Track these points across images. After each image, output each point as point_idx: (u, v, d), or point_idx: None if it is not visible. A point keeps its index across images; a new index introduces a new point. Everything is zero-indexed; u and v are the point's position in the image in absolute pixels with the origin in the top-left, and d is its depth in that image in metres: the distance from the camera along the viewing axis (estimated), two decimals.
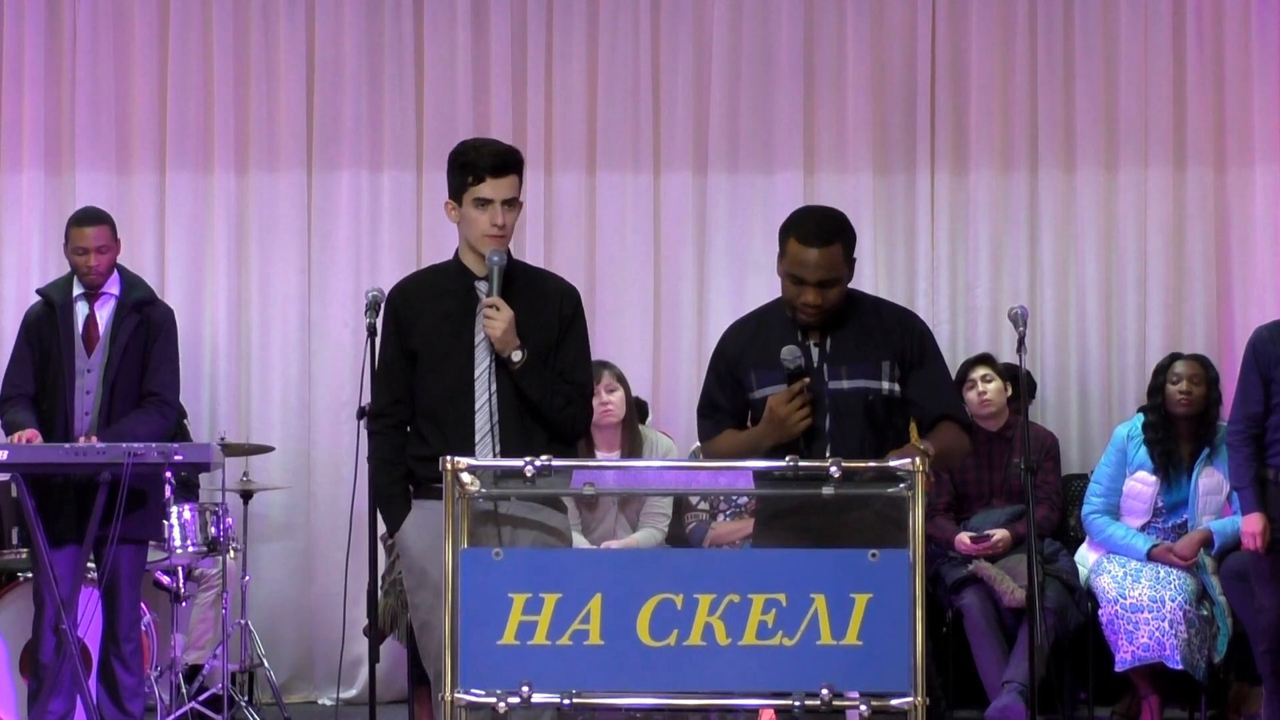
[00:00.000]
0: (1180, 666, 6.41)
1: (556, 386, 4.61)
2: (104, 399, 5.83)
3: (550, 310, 4.66)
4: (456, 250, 4.70)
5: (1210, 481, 6.63)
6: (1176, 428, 6.67)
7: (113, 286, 5.95)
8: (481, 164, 4.57)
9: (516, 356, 4.54)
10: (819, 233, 4.43)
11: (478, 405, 4.57)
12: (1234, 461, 6.15)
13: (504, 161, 4.59)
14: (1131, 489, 6.72)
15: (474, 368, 4.58)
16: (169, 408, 5.96)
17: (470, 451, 4.48)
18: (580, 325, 4.73)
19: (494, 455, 4.51)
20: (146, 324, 5.91)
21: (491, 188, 4.56)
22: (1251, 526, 6.07)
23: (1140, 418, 6.78)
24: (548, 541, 4.55)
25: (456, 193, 4.62)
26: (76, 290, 5.93)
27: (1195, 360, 6.75)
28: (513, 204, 4.61)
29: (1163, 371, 6.74)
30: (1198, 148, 7.49)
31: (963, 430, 4.59)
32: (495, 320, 4.52)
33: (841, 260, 4.44)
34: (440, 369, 4.61)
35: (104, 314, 5.92)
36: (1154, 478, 6.67)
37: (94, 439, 5.67)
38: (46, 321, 5.92)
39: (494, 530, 4.44)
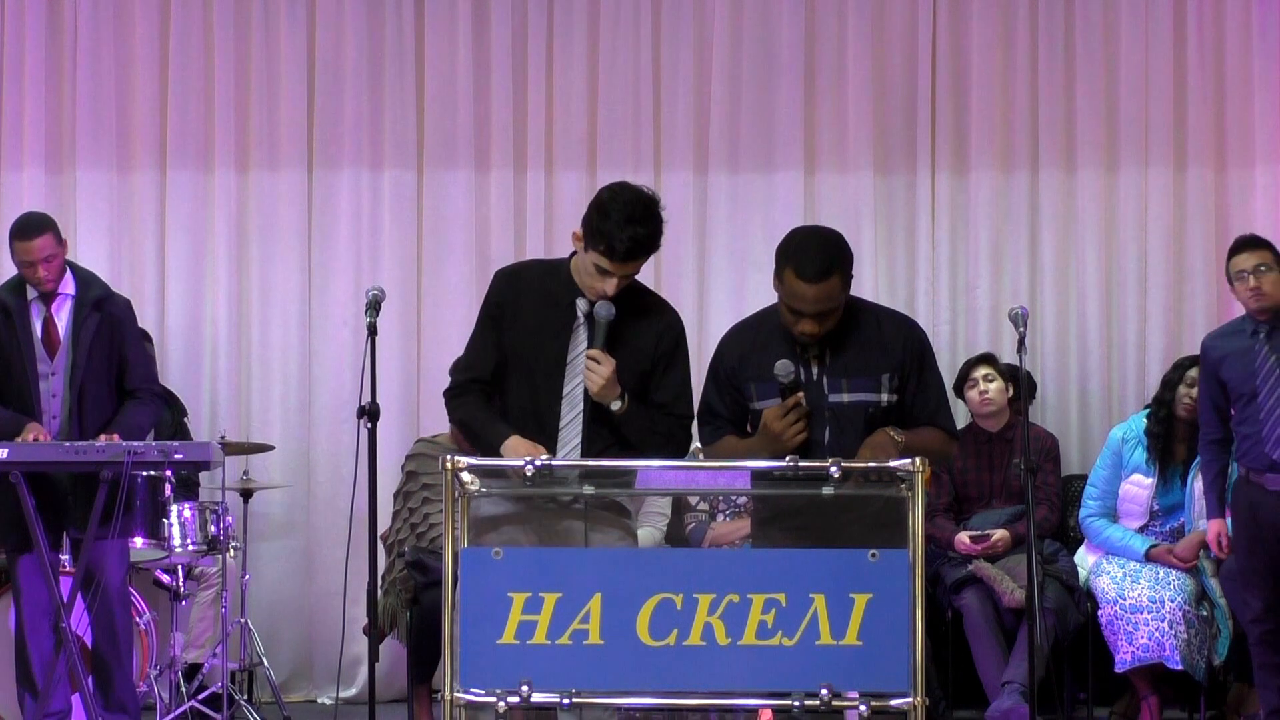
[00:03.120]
0: (1180, 667, 6.41)
1: (655, 423, 4.56)
2: (72, 401, 5.81)
3: (649, 338, 4.60)
4: (571, 257, 4.66)
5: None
6: (1175, 430, 6.67)
7: (68, 286, 5.89)
8: (618, 249, 4.45)
9: (615, 405, 4.51)
10: (817, 268, 4.39)
11: (563, 422, 4.55)
12: (1201, 464, 6.26)
13: (638, 249, 4.48)
14: (1127, 491, 6.72)
15: (564, 384, 4.56)
16: (158, 397, 6.08)
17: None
18: (682, 357, 4.66)
19: None
20: (108, 321, 5.88)
21: (617, 268, 4.49)
22: (1210, 533, 6.24)
23: (1136, 419, 6.78)
24: (625, 541, 4.57)
25: (588, 239, 4.52)
26: (31, 293, 5.86)
27: None
28: (629, 278, 4.54)
29: (1180, 369, 6.73)
30: (1198, 148, 7.49)
31: (947, 437, 4.59)
32: (596, 374, 4.47)
33: (839, 290, 4.43)
34: (528, 376, 4.58)
35: (63, 316, 5.87)
36: (1149, 480, 6.67)
37: (115, 437, 5.66)
38: (3, 325, 5.84)
39: (580, 527, 4.45)
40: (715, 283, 7.53)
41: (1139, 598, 6.46)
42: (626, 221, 4.45)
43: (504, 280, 4.70)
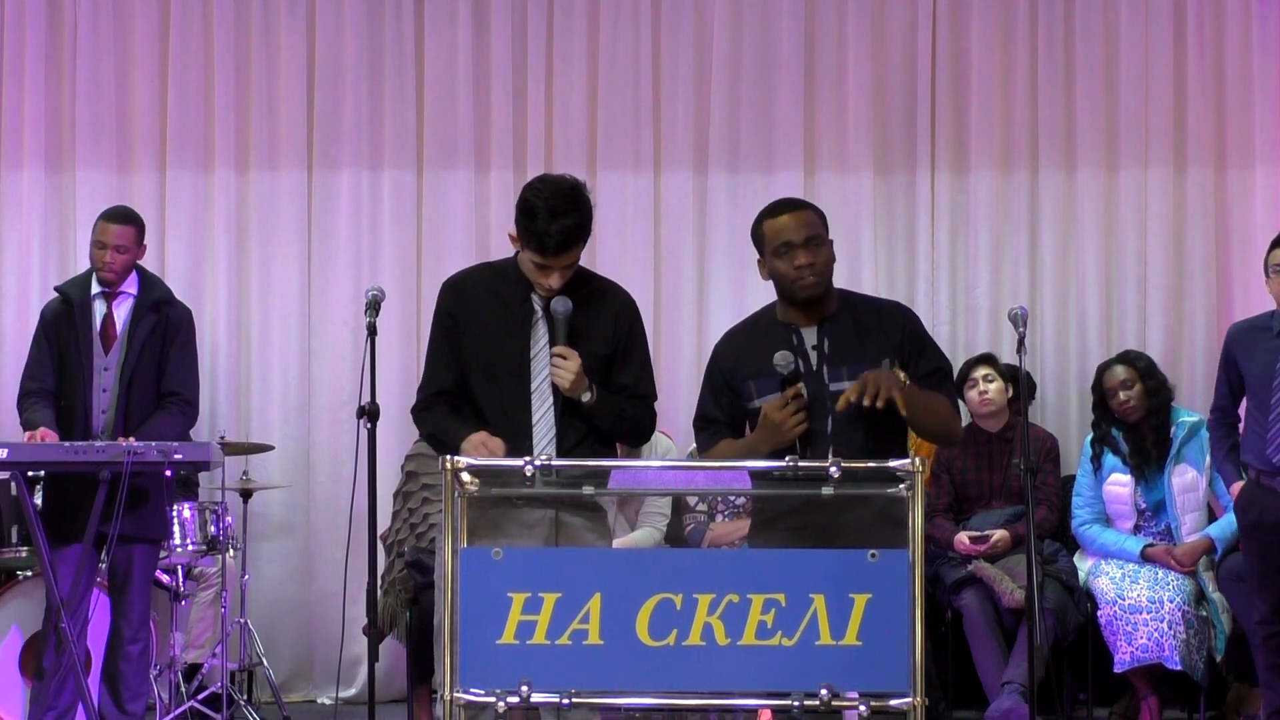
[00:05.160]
0: (1179, 667, 6.41)
1: (623, 408, 4.63)
2: (121, 397, 5.86)
3: (605, 322, 4.65)
4: (516, 255, 4.67)
5: (1184, 480, 6.64)
6: (1139, 430, 6.68)
7: (131, 286, 6.00)
8: (549, 245, 4.49)
9: (586, 397, 4.55)
10: (787, 203, 4.58)
11: (536, 419, 4.57)
12: (1209, 440, 6.19)
13: (570, 240, 4.50)
14: (1110, 493, 6.73)
15: (530, 380, 4.59)
16: (191, 407, 6.03)
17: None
18: (639, 337, 4.72)
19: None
20: (164, 323, 5.95)
21: (553, 261, 4.52)
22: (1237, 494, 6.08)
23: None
24: (590, 534, 4.61)
25: (521, 237, 4.55)
26: (95, 289, 5.96)
27: (1120, 365, 6.77)
28: (570, 266, 4.58)
29: (1098, 388, 6.77)
30: (1198, 148, 7.50)
31: (953, 410, 4.59)
32: (563, 370, 4.51)
33: (819, 222, 4.50)
34: (493, 378, 4.61)
35: (121, 313, 5.95)
36: (1127, 478, 6.69)
37: (131, 439, 5.66)
38: (64, 319, 5.94)
39: (551, 516, 4.52)
40: (715, 283, 7.53)
41: (1138, 598, 6.46)
42: (552, 216, 4.47)
43: (451, 290, 4.73)
